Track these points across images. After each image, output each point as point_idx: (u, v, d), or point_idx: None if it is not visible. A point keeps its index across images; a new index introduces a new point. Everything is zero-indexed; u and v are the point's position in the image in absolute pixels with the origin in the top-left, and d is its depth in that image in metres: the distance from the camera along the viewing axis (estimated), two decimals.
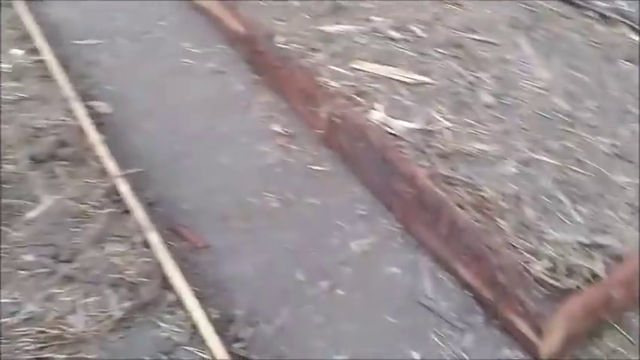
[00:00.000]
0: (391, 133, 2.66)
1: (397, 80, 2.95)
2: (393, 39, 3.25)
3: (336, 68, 3.02)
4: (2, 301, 2.10)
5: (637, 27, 3.43)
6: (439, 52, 3.16)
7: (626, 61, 3.19)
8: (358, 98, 2.83)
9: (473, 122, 2.74)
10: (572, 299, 2.03)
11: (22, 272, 2.21)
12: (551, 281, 2.09)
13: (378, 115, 2.74)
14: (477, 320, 2.30)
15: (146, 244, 2.34)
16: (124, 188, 2.55)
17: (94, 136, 2.81)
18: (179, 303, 2.16)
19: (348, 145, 2.83)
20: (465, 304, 2.35)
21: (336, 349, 2.22)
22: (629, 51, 3.25)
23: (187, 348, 2.05)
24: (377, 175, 2.69)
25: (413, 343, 2.23)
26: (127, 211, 2.48)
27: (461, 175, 2.48)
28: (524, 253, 2.19)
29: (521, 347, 2.19)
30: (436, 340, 2.24)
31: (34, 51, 3.41)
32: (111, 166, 2.65)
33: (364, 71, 3.01)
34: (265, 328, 2.28)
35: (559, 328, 2.04)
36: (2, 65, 3.23)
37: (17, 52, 3.40)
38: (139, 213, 2.43)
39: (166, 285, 2.22)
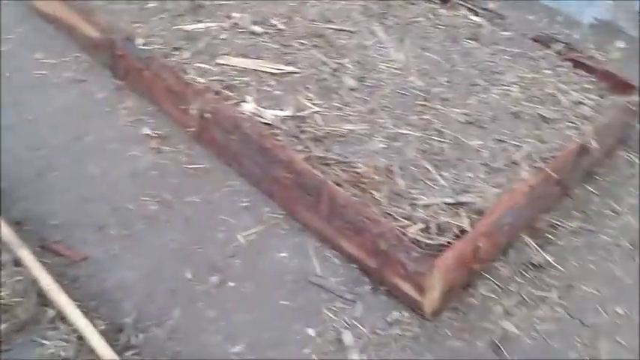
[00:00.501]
0: (264, 123, 2.70)
1: (264, 72, 3.00)
2: (255, 33, 3.29)
3: (202, 65, 3.00)
4: None
5: (474, 8, 3.77)
6: (301, 42, 3.25)
7: (469, 39, 3.50)
8: (227, 92, 2.84)
9: (340, 105, 2.86)
10: (445, 254, 2.20)
11: None
12: (426, 241, 2.25)
13: (249, 106, 2.77)
14: (365, 289, 2.41)
15: (17, 263, 2.19)
16: None
17: None
18: (61, 318, 2.05)
19: (222, 140, 2.83)
20: (352, 276, 2.45)
21: (232, 340, 2.22)
22: (471, 30, 3.56)
23: None
24: (255, 165, 2.72)
25: (307, 321, 2.29)
26: None
27: (335, 155, 2.58)
28: (400, 219, 2.33)
29: (408, 307, 2.33)
30: (329, 314, 2.32)
31: None
32: None
33: (230, 66, 3.02)
34: (157, 331, 2.22)
35: (437, 283, 2.20)
36: None
37: None
38: (6, 231, 2.27)
39: (44, 301, 2.09)
